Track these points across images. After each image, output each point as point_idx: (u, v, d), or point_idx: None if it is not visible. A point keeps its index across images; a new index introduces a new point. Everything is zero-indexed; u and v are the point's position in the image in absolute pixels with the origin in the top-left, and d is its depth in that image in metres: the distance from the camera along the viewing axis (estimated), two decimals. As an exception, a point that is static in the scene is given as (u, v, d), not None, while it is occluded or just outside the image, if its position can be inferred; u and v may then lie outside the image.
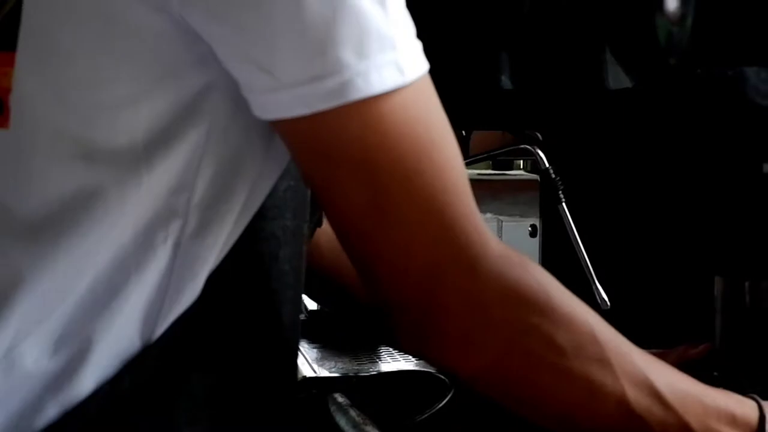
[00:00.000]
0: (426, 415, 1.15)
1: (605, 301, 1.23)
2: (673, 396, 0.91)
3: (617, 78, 1.30)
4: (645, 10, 1.27)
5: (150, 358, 0.84)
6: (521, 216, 1.44)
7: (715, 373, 1.27)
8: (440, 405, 1.16)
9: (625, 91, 1.30)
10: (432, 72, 1.26)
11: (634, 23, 1.28)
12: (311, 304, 1.58)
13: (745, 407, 0.94)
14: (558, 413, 0.88)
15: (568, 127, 1.32)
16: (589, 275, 1.24)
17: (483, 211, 1.60)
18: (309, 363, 1.39)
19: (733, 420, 0.93)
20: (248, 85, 0.79)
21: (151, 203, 0.82)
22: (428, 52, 1.25)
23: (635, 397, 0.89)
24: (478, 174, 1.60)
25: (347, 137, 0.78)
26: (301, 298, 0.95)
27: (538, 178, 1.32)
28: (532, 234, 1.37)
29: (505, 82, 1.28)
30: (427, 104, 0.82)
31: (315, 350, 1.46)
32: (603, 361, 0.88)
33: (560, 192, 1.26)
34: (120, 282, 0.83)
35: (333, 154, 0.79)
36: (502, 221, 1.52)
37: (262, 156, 0.84)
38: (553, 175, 1.27)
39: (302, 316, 1.55)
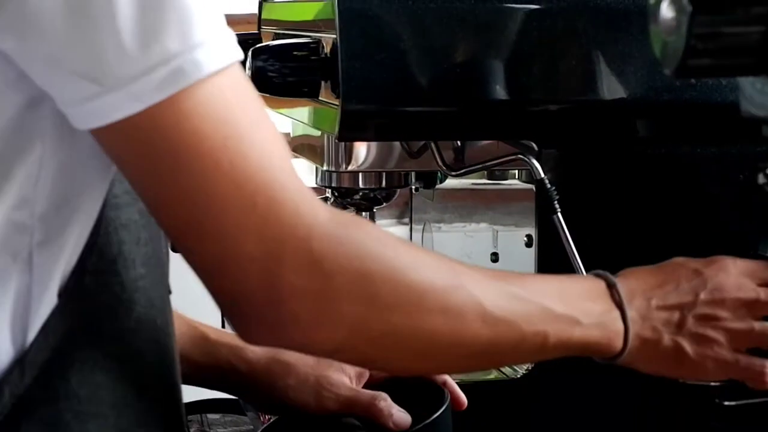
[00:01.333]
0: (422, 425, 1.14)
1: None
2: (530, 290, 0.94)
3: (612, 88, 1.30)
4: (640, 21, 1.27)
5: (25, 368, 0.86)
6: (516, 226, 1.44)
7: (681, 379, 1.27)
8: (436, 415, 1.16)
9: (621, 101, 1.30)
10: (426, 81, 1.26)
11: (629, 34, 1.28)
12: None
13: (597, 281, 1.02)
14: (426, 352, 0.90)
15: (563, 137, 1.32)
16: None
17: (478, 221, 1.60)
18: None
19: (588, 294, 0.99)
20: (67, 96, 0.79)
21: None
22: (423, 61, 1.25)
23: (493, 303, 0.91)
24: (473, 184, 1.60)
25: (169, 128, 0.79)
26: (167, 288, 0.96)
27: (534, 188, 1.31)
28: (528, 244, 1.36)
29: (500, 91, 1.28)
30: (243, 87, 0.83)
31: (311, 361, 1.46)
32: (456, 286, 0.89)
33: (555, 202, 1.26)
34: None
35: (156, 149, 0.79)
36: (497, 231, 1.52)
37: (99, 160, 0.84)
38: (549, 185, 1.26)
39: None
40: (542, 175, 1.27)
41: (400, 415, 1.15)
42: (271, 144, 0.82)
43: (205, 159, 0.79)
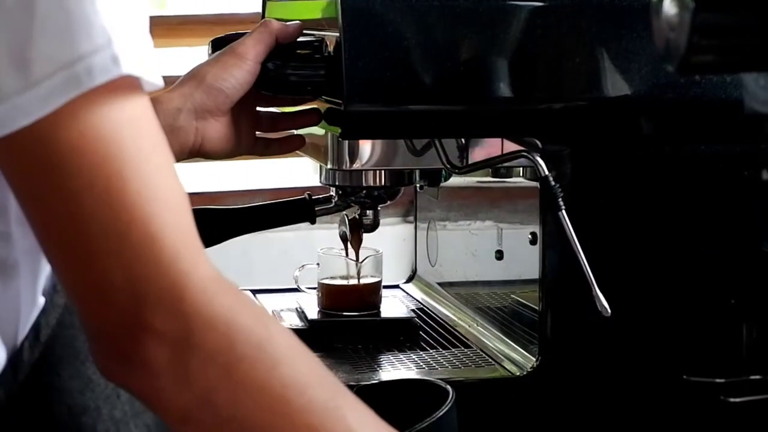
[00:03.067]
0: (426, 424, 1.14)
1: (606, 308, 1.23)
2: None
3: (616, 85, 1.30)
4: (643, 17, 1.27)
5: (17, 368, 0.86)
6: (521, 224, 1.44)
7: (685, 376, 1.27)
8: (441, 413, 1.15)
9: (625, 98, 1.30)
10: (430, 79, 1.26)
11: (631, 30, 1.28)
12: (311, 314, 1.58)
13: None
14: None
15: (567, 135, 1.31)
16: (590, 282, 1.23)
17: (482, 218, 1.60)
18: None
19: None
20: None
21: None
22: (426, 59, 1.25)
23: None
24: (478, 182, 1.60)
25: (50, 143, 0.76)
26: None
27: (538, 186, 1.31)
28: (532, 242, 1.36)
29: (504, 89, 1.28)
30: (145, 114, 0.79)
31: (316, 359, 1.46)
32: (335, 407, 0.82)
33: (560, 199, 1.26)
34: None
35: (34, 165, 0.77)
36: (501, 229, 1.52)
37: None
38: (553, 183, 1.26)
39: (303, 325, 1.55)
40: (546, 172, 1.27)
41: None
42: (163, 181, 0.78)
43: (79, 178, 0.76)
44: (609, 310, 1.22)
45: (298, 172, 2.05)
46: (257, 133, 1.36)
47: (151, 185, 0.77)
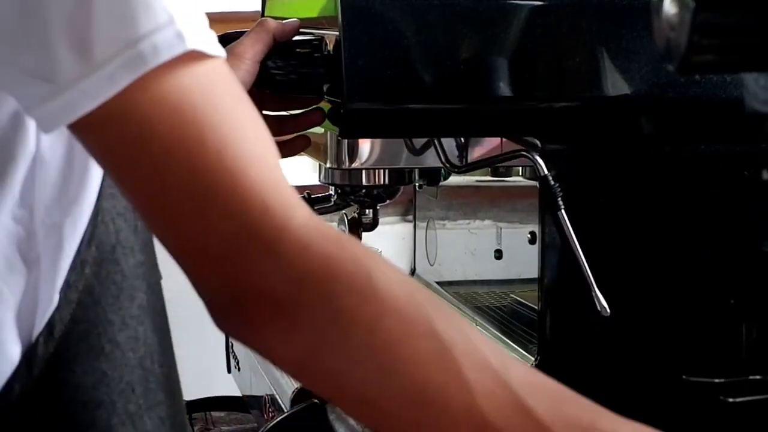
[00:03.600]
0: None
1: (605, 308, 1.22)
2: (544, 410, 0.80)
3: (616, 84, 1.30)
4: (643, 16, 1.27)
5: (32, 363, 0.87)
6: (520, 223, 1.44)
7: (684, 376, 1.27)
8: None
9: (625, 98, 1.30)
10: (430, 78, 1.26)
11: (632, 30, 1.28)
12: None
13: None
14: (389, 419, 0.78)
15: (567, 134, 1.31)
16: (589, 282, 1.23)
17: (482, 218, 1.60)
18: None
19: None
20: (28, 100, 0.78)
21: (1, 225, 0.84)
22: (426, 58, 1.25)
23: (491, 408, 0.76)
24: (477, 181, 1.60)
25: (135, 117, 0.76)
26: (159, 273, 0.96)
27: (537, 185, 1.31)
28: (531, 241, 1.36)
29: (504, 88, 1.28)
30: (221, 78, 0.80)
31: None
32: (444, 359, 0.76)
33: (559, 199, 1.26)
34: None
35: (112, 140, 0.77)
36: (501, 228, 1.52)
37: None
38: (552, 182, 1.26)
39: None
40: (545, 172, 1.27)
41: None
42: (245, 136, 0.79)
43: (158, 148, 0.76)
44: (608, 310, 1.22)
45: (297, 171, 2.05)
46: None
47: (232, 144, 0.77)
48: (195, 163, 0.76)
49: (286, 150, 1.38)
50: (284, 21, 1.31)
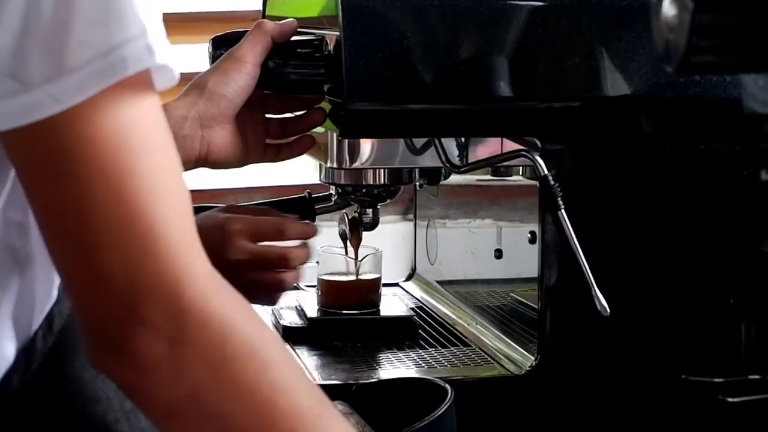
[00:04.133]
0: (425, 423, 1.15)
1: (605, 307, 1.23)
2: None
3: (616, 84, 1.30)
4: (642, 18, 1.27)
5: (31, 357, 0.87)
6: (521, 222, 1.44)
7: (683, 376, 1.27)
8: (439, 412, 1.16)
9: (625, 98, 1.30)
10: (430, 78, 1.26)
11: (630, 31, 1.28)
12: (310, 312, 1.58)
13: None
14: None
15: (567, 134, 1.32)
16: (589, 282, 1.23)
17: (482, 216, 1.60)
18: (308, 371, 1.39)
19: None
20: None
21: None
22: (426, 58, 1.25)
23: None
24: (477, 180, 1.60)
25: (67, 131, 0.76)
26: None
27: (537, 185, 1.31)
28: (531, 241, 1.36)
29: (504, 88, 1.28)
30: (158, 109, 0.80)
31: (314, 358, 1.46)
32: (320, 414, 0.83)
33: (559, 199, 1.26)
34: None
35: (49, 152, 0.77)
36: (501, 227, 1.52)
37: None
38: (552, 182, 1.27)
39: (302, 323, 1.55)
40: (545, 171, 1.27)
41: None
42: (169, 177, 0.79)
43: (93, 168, 0.76)
44: (608, 310, 1.22)
45: (298, 170, 2.05)
46: (267, 139, 1.36)
47: (159, 181, 0.78)
48: (122, 192, 0.77)
49: (291, 151, 1.38)
50: (282, 22, 1.31)
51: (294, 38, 1.32)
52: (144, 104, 0.79)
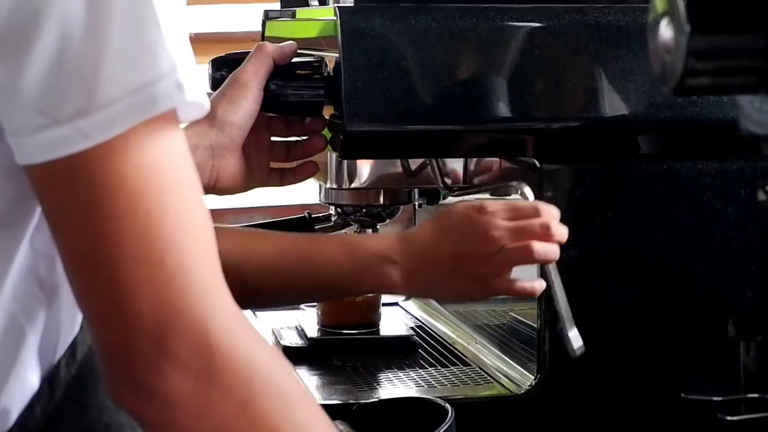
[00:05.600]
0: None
1: (575, 350, 1.22)
2: None
3: (613, 104, 1.31)
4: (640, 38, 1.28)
5: (55, 385, 0.88)
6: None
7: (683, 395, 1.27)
8: (440, 430, 1.16)
9: (622, 117, 1.31)
10: (428, 100, 1.27)
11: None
12: (311, 332, 1.58)
13: None
14: None
15: (565, 154, 1.32)
16: (564, 323, 1.22)
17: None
18: (309, 390, 1.39)
19: None
20: (17, 126, 0.77)
21: (21, 255, 0.84)
22: (425, 80, 1.26)
23: None
24: (476, 199, 1.61)
25: (99, 166, 0.77)
26: None
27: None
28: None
29: (502, 109, 1.29)
30: (179, 140, 0.80)
31: (315, 378, 1.47)
32: None
33: None
34: (17, 336, 0.85)
35: (78, 186, 0.77)
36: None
37: None
38: None
39: (302, 343, 1.56)
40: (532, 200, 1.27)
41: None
42: (197, 213, 0.80)
43: (122, 203, 0.77)
44: (577, 352, 1.21)
45: (297, 190, 2.06)
46: (271, 164, 1.36)
47: (187, 217, 0.79)
48: (152, 228, 0.77)
49: (296, 176, 1.38)
50: (282, 44, 1.32)
51: (293, 59, 1.33)
52: (172, 139, 0.79)
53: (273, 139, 1.36)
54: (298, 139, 1.37)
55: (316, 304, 1.61)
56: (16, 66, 0.76)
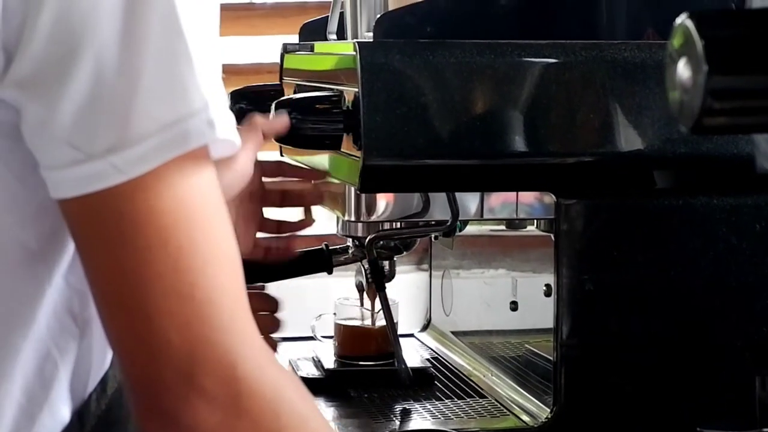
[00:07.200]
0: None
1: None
2: None
3: (629, 139, 1.32)
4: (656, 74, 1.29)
5: (85, 419, 0.89)
6: (534, 272, 1.45)
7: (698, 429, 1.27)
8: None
9: (639, 152, 1.32)
10: (447, 134, 1.28)
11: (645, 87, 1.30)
12: (327, 363, 1.59)
13: None
14: None
15: (581, 189, 1.33)
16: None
17: (496, 267, 1.61)
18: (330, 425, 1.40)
19: None
20: (51, 161, 0.78)
21: (56, 290, 0.85)
22: (443, 114, 1.27)
23: None
24: (491, 230, 1.62)
25: (133, 201, 0.78)
26: None
27: (552, 236, 1.33)
28: (547, 293, 1.37)
29: (519, 144, 1.29)
30: (209, 175, 0.81)
31: (331, 409, 1.47)
32: None
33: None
34: (50, 370, 0.86)
35: (110, 219, 0.78)
36: (516, 279, 1.53)
37: None
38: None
39: (319, 374, 1.56)
40: None
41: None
42: (226, 247, 0.81)
43: (153, 237, 0.78)
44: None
45: (315, 221, 2.06)
46: (260, 234, 1.37)
47: (216, 251, 0.80)
48: (182, 262, 0.78)
49: (279, 252, 1.42)
50: (273, 119, 1.30)
51: (312, 94, 1.34)
52: (203, 175, 0.80)
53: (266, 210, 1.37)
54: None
55: (333, 335, 1.61)
56: (52, 102, 0.77)
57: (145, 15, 0.77)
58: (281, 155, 1.60)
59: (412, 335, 1.81)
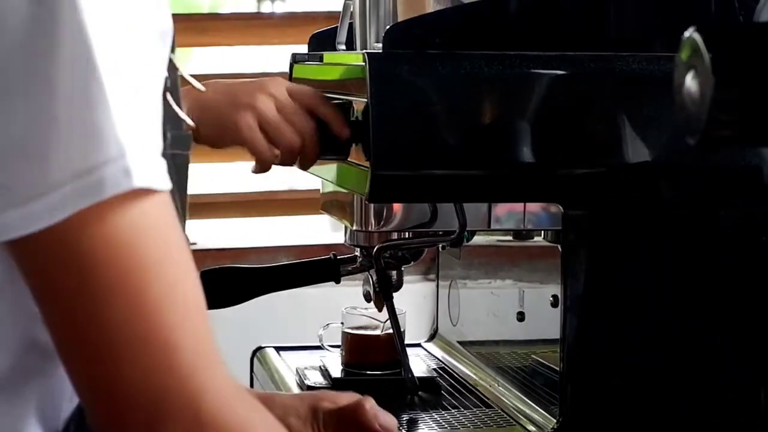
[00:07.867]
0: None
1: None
2: None
3: (637, 151, 1.32)
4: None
5: None
6: (540, 283, 1.46)
7: None
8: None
9: (646, 164, 1.33)
10: (455, 145, 1.28)
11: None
12: (335, 372, 1.59)
13: None
14: None
15: (589, 200, 1.34)
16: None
17: (503, 277, 1.62)
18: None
19: None
20: None
21: (21, 319, 0.83)
22: (452, 125, 1.27)
23: None
24: (498, 241, 1.62)
25: (80, 242, 0.75)
26: None
27: (558, 247, 1.33)
28: (554, 304, 1.38)
29: (527, 155, 1.30)
30: (163, 217, 0.78)
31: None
32: None
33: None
34: (16, 400, 0.84)
35: (62, 263, 0.76)
36: (523, 290, 1.54)
37: None
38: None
39: (326, 383, 1.57)
40: None
41: (386, 417, 1.14)
42: (182, 287, 0.78)
43: (98, 284, 0.76)
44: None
45: (321, 229, 2.07)
46: None
47: (171, 292, 0.77)
48: (133, 308, 0.76)
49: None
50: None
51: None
52: (144, 216, 0.77)
53: None
54: None
55: (340, 343, 1.62)
56: None
57: (55, 58, 0.74)
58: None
59: (419, 345, 1.81)
